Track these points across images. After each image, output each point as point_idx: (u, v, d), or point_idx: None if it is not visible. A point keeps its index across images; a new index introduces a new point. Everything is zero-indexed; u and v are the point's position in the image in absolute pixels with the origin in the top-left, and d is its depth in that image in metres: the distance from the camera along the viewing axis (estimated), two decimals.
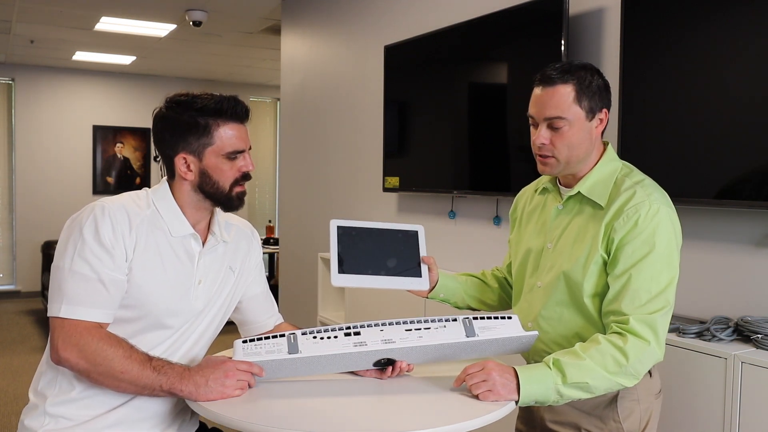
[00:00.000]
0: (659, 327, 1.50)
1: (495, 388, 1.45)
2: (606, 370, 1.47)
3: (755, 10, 2.04)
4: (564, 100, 1.57)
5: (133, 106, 8.50)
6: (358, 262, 1.68)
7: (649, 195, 1.54)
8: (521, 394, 1.46)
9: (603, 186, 1.61)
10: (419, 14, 3.71)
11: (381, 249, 1.72)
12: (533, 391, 1.47)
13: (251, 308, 1.85)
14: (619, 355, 1.47)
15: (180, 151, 1.60)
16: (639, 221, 1.51)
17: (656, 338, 1.49)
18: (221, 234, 1.71)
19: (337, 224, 1.70)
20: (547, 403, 1.50)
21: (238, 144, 1.62)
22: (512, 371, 1.48)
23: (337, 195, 4.58)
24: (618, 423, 1.58)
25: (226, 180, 1.62)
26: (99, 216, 1.53)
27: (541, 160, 1.64)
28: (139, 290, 1.55)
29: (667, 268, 1.52)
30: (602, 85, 1.62)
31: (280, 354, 1.47)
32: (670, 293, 1.52)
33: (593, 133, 1.61)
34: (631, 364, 1.47)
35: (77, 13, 5.57)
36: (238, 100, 1.62)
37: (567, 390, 1.47)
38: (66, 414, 1.56)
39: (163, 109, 1.63)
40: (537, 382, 1.47)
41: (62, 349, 1.47)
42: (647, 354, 1.48)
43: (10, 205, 8.09)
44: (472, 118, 3.24)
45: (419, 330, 1.54)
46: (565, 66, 1.60)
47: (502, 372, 1.47)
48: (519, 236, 1.82)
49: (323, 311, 4.27)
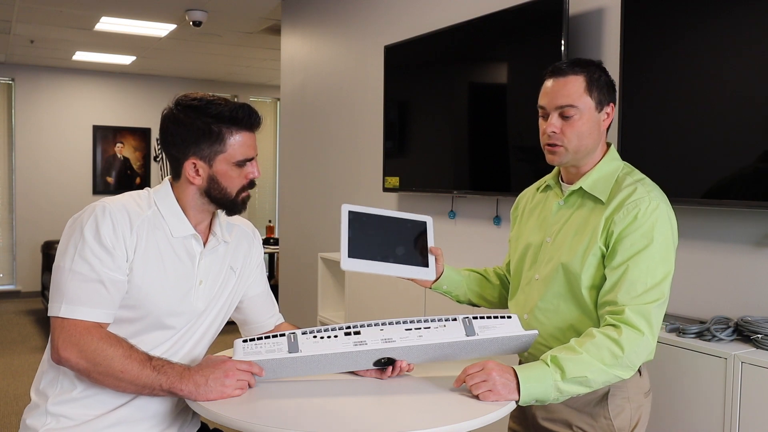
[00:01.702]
0: (653, 318, 1.51)
1: (495, 388, 1.45)
2: (603, 363, 1.48)
3: (755, 10, 2.04)
4: (576, 89, 1.61)
5: (133, 106, 8.50)
6: (367, 248, 1.69)
7: (649, 192, 1.58)
8: (522, 394, 1.46)
9: (605, 183, 1.64)
10: (419, 14, 3.71)
11: (390, 236, 1.73)
12: (533, 390, 1.47)
13: (252, 308, 1.85)
14: (615, 347, 1.48)
15: (190, 156, 1.59)
16: (639, 215, 1.54)
17: (650, 329, 1.51)
18: (222, 234, 1.71)
19: (349, 209, 1.70)
20: (548, 401, 1.50)
21: (249, 152, 1.61)
22: (512, 371, 1.49)
23: (337, 195, 4.58)
24: (609, 420, 1.60)
25: (233, 186, 1.62)
26: (100, 216, 1.53)
27: (549, 149, 1.66)
28: (140, 291, 1.55)
29: (663, 262, 1.54)
30: (609, 82, 1.67)
31: (280, 353, 1.47)
32: (665, 286, 1.54)
33: (601, 126, 1.65)
34: (627, 356, 1.48)
35: (77, 13, 5.57)
36: (252, 109, 1.61)
37: (566, 386, 1.48)
38: (67, 413, 1.56)
39: (174, 110, 1.60)
40: (536, 381, 1.47)
41: (62, 349, 1.47)
42: (642, 345, 1.50)
43: (10, 205, 8.09)
44: (472, 118, 3.24)
45: (419, 329, 1.54)
46: (575, 60, 1.67)
47: (502, 372, 1.47)
48: (519, 232, 1.84)
49: (323, 311, 4.27)
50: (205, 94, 1.62)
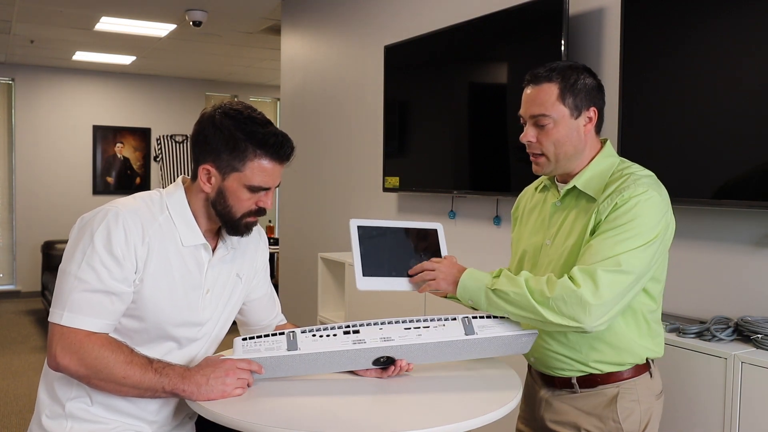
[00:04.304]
0: (599, 279, 1.45)
1: (438, 278, 1.58)
2: (531, 295, 1.50)
3: (755, 10, 2.04)
4: (547, 98, 1.60)
5: (133, 106, 8.50)
6: (381, 264, 1.65)
7: (636, 180, 1.55)
8: (459, 286, 1.57)
9: (599, 180, 1.62)
10: (419, 14, 3.71)
11: (403, 249, 1.69)
12: (468, 286, 1.57)
13: (254, 310, 1.85)
14: (547, 288, 1.49)
15: (207, 161, 1.55)
16: (619, 201, 1.53)
17: (593, 288, 1.45)
18: (231, 241, 1.68)
19: (357, 224, 1.67)
20: (479, 305, 1.58)
21: (267, 181, 1.55)
22: (462, 269, 1.60)
23: (337, 195, 4.58)
24: (617, 423, 1.58)
25: (240, 208, 1.57)
26: (112, 223, 1.49)
27: (533, 160, 1.67)
28: (148, 302, 1.54)
29: (634, 239, 1.49)
30: (591, 85, 1.64)
31: (279, 351, 1.48)
32: (628, 259, 1.47)
33: (581, 131, 1.63)
34: (554, 299, 1.47)
35: (77, 13, 5.57)
36: (287, 141, 1.55)
37: (494, 297, 1.54)
38: (86, 416, 1.56)
39: (214, 112, 1.56)
40: (474, 280, 1.57)
41: (61, 357, 1.45)
42: (573, 296, 1.45)
43: (10, 205, 8.09)
44: (472, 118, 3.24)
45: (418, 328, 1.54)
46: (553, 65, 1.64)
47: (450, 267, 1.59)
48: (519, 233, 1.83)
49: (323, 311, 4.27)
50: (253, 111, 1.56)
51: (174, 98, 8.69)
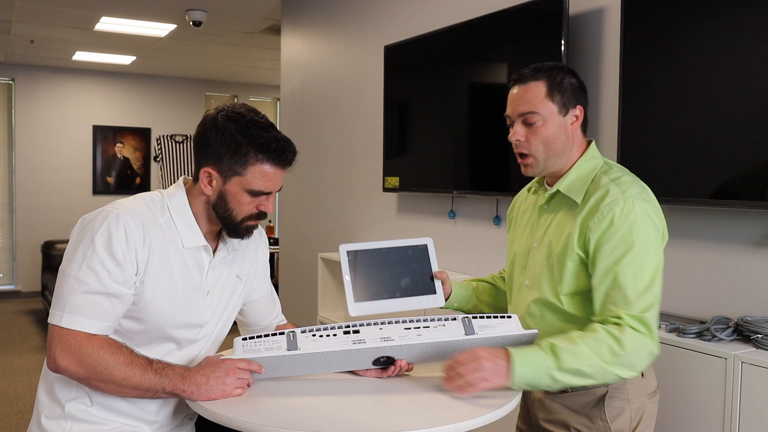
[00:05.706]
0: (651, 323, 1.49)
1: (489, 378, 1.44)
2: (601, 359, 1.45)
3: (755, 11, 2.04)
4: (536, 95, 1.61)
5: (133, 106, 8.50)
6: (372, 288, 1.67)
7: (623, 192, 1.54)
8: (515, 377, 1.44)
9: (581, 183, 1.62)
10: (419, 14, 3.71)
11: (393, 269, 1.70)
12: (526, 375, 1.45)
13: (254, 311, 1.84)
14: (615, 345, 1.46)
15: (209, 164, 1.55)
16: (614, 219, 1.51)
17: (650, 333, 1.49)
18: (231, 242, 1.68)
19: (347, 249, 1.68)
20: (540, 387, 1.50)
21: (268, 186, 1.55)
22: (504, 353, 1.47)
23: (337, 195, 4.58)
24: (605, 422, 1.58)
25: (240, 212, 1.57)
26: (113, 225, 1.49)
27: (521, 161, 1.67)
28: (149, 304, 1.54)
29: (648, 261, 1.51)
30: (576, 84, 1.65)
31: (279, 351, 1.48)
32: (656, 287, 1.51)
33: (569, 129, 1.63)
34: (627, 355, 1.46)
35: (77, 13, 5.57)
36: (290, 146, 1.55)
37: (561, 375, 1.46)
38: (86, 417, 1.56)
39: (217, 114, 1.55)
40: (530, 366, 1.45)
41: (60, 359, 1.45)
42: (644, 345, 1.47)
43: (10, 205, 8.09)
44: (472, 118, 3.24)
45: (418, 328, 1.54)
46: (538, 65, 1.65)
47: (493, 358, 1.46)
48: (513, 236, 1.84)
49: (323, 311, 4.27)
50: (256, 114, 1.56)
51: (174, 98, 8.70)
